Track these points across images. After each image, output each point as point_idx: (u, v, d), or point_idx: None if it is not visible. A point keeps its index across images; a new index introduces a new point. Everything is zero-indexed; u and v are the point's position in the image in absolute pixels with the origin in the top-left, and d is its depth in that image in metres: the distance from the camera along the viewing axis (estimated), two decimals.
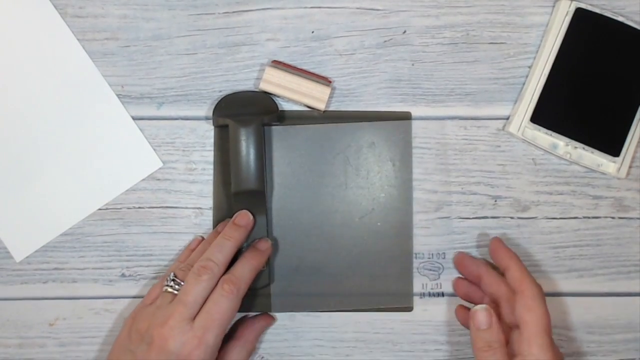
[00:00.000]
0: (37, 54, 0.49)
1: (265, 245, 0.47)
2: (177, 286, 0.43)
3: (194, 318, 0.42)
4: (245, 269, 0.45)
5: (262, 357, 0.50)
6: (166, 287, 0.44)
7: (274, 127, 0.50)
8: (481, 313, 0.43)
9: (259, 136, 0.47)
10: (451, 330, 0.50)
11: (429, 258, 0.49)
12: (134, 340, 0.42)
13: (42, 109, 0.49)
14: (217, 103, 0.48)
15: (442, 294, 0.50)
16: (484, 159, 0.50)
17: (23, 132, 0.49)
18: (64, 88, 0.50)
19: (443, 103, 0.50)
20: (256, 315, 0.48)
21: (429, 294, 0.49)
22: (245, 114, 0.47)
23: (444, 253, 0.50)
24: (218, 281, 0.43)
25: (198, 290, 0.42)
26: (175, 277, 0.44)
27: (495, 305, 0.45)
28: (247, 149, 0.47)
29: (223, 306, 0.42)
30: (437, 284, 0.49)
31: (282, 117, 0.50)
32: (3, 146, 0.49)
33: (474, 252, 0.50)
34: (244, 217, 0.47)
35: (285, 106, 0.50)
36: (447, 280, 0.50)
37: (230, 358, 0.46)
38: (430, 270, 0.49)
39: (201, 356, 0.41)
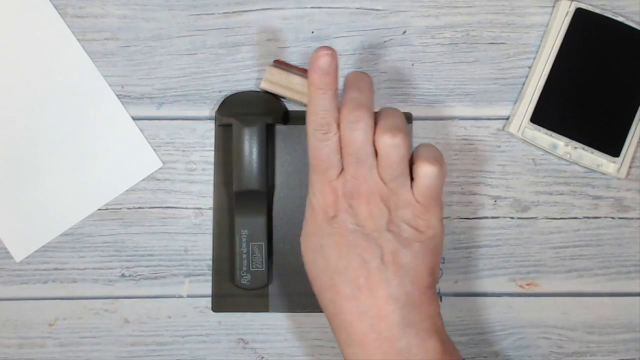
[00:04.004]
0: (37, 54, 0.49)
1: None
2: None
3: None
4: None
5: (262, 357, 0.50)
6: None
7: (277, 127, 0.50)
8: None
9: (262, 137, 0.47)
10: (450, 330, 0.50)
11: None
12: None
13: (42, 109, 0.49)
14: (222, 102, 0.49)
15: (441, 298, 0.50)
16: (484, 159, 0.50)
17: (23, 132, 0.49)
18: (64, 88, 0.50)
19: (443, 103, 0.50)
20: None
21: None
22: (250, 114, 0.47)
23: (443, 257, 0.50)
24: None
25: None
26: None
27: None
28: (250, 149, 0.47)
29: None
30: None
31: (287, 118, 0.49)
32: (3, 146, 0.49)
33: (474, 253, 0.50)
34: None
35: (287, 106, 0.50)
36: (445, 282, 0.50)
37: None
38: None
39: None
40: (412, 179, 0.42)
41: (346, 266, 0.41)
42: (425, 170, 0.41)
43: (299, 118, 0.50)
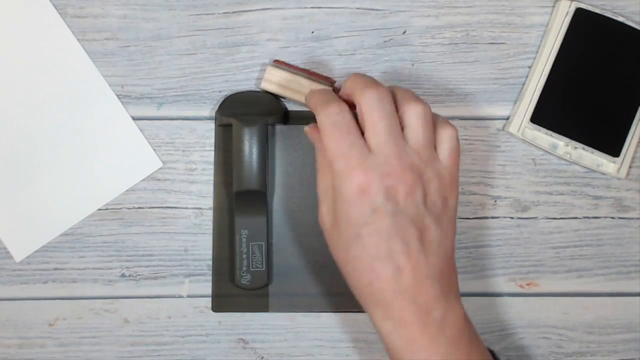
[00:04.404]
0: (37, 54, 0.49)
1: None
2: None
3: None
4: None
5: (262, 357, 0.50)
6: None
7: (277, 126, 0.50)
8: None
9: (262, 136, 0.47)
10: None
11: None
12: None
13: (42, 109, 0.49)
14: (222, 102, 0.49)
15: None
16: (484, 159, 0.50)
17: (23, 132, 0.49)
18: (64, 88, 0.50)
19: (443, 103, 0.50)
20: None
21: None
22: (250, 114, 0.48)
23: None
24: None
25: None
26: None
27: None
28: (250, 148, 0.47)
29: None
30: None
31: (287, 118, 0.49)
32: (3, 146, 0.49)
33: (474, 253, 0.50)
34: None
35: (287, 106, 0.50)
36: None
37: None
38: None
39: None
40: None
41: (388, 251, 0.40)
42: (449, 132, 0.42)
43: (299, 118, 0.50)
